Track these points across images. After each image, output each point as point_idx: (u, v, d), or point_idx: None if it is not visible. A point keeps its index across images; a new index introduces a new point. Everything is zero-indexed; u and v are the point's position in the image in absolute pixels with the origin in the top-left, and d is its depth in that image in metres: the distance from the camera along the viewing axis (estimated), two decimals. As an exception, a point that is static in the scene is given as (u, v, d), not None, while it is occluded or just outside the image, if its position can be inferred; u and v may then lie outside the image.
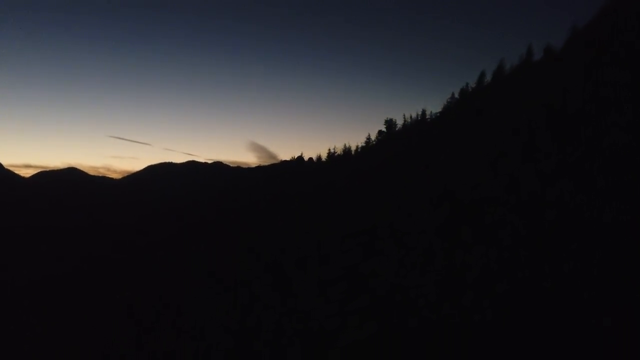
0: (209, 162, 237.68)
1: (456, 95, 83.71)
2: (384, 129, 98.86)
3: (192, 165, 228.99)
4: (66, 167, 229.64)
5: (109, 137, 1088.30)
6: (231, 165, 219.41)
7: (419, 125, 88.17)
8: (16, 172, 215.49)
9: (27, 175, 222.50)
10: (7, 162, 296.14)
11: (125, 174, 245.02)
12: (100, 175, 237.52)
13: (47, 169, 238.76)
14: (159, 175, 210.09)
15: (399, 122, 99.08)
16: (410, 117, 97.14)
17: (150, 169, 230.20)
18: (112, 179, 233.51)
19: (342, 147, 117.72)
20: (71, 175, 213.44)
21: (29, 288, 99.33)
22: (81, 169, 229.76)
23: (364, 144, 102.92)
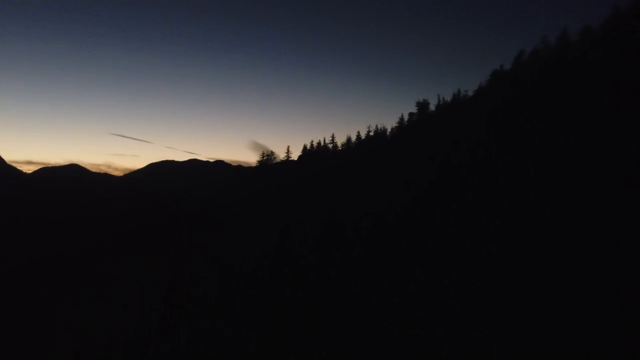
0: (211, 160, 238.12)
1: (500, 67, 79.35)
2: (414, 111, 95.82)
3: (193, 163, 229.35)
4: (68, 163, 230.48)
5: (110, 135, 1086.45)
6: (233, 164, 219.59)
7: (453, 106, 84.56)
8: (18, 168, 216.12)
9: (29, 171, 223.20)
10: (8, 158, 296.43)
11: (127, 172, 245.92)
12: (101, 172, 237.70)
13: (49, 165, 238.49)
14: (161, 172, 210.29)
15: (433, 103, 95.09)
16: (443, 98, 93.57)
17: (152, 167, 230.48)
18: (113, 175, 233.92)
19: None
20: (73, 172, 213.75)
21: (28, 276, 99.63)
22: (82, 165, 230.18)
23: (397, 124, 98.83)
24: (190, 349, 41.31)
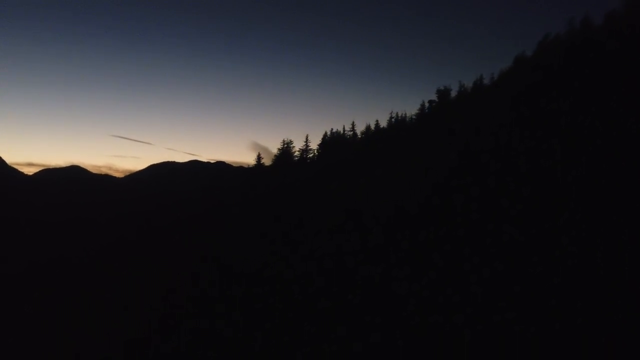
0: (212, 161, 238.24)
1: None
2: (435, 99, 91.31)
3: (194, 164, 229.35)
4: (69, 165, 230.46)
5: (111, 136, 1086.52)
6: (234, 165, 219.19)
7: (475, 92, 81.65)
8: (19, 169, 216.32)
9: (30, 173, 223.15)
10: (10, 160, 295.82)
11: (128, 173, 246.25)
12: (102, 173, 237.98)
13: (50, 167, 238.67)
14: (162, 174, 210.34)
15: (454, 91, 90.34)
16: (464, 85, 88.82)
17: (153, 168, 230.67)
18: (114, 177, 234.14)
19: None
20: (74, 174, 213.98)
21: (29, 278, 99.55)
22: (83, 167, 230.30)
23: (418, 111, 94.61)
24: (191, 350, 41.02)
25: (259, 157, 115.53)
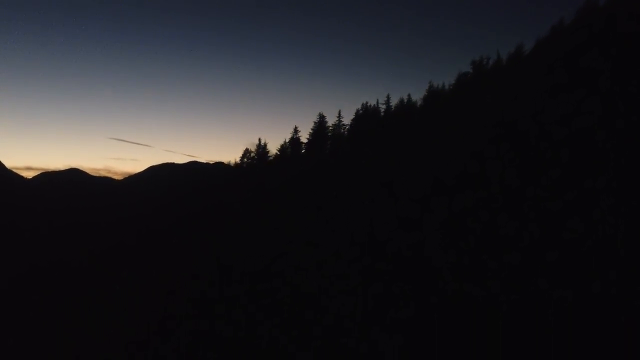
0: (211, 162, 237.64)
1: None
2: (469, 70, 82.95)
3: (194, 165, 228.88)
4: (68, 168, 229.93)
5: (109, 139, 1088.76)
6: (233, 165, 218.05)
7: (511, 62, 78.24)
8: (18, 173, 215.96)
9: (29, 177, 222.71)
10: (9, 164, 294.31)
11: (127, 175, 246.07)
12: (101, 176, 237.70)
13: (49, 171, 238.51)
14: (161, 175, 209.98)
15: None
16: (500, 55, 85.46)
17: (152, 170, 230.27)
18: (114, 179, 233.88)
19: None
20: (73, 176, 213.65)
21: (30, 282, 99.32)
22: (83, 170, 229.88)
23: (455, 82, 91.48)
24: (190, 351, 40.73)
25: (296, 135, 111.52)
